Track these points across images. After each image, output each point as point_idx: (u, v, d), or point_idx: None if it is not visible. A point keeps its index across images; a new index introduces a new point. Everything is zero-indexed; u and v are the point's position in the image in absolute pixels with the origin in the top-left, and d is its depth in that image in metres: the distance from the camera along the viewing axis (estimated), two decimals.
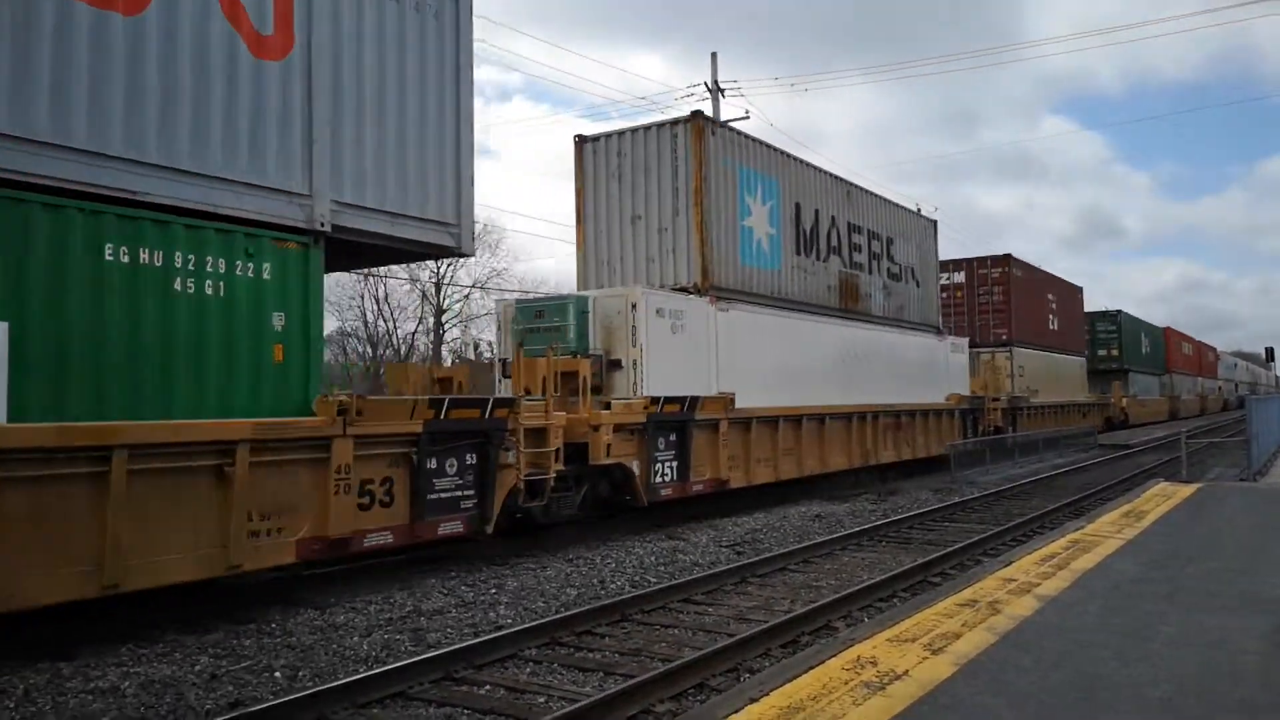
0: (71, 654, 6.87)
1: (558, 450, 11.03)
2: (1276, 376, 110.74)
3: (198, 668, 6.62)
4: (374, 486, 8.92)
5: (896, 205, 22.56)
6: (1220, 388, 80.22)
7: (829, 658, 5.06)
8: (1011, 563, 7.85)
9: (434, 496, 9.47)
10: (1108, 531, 9.39)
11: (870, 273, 20.60)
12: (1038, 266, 33.51)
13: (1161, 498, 12.20)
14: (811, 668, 4.88)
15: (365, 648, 7.16)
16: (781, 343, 16.74)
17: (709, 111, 29.47)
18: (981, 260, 30.20)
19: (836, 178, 19.49)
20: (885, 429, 19.63)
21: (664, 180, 15.38)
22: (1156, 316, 65.91)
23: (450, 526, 9.62)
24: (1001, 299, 29.65)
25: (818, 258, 18.45)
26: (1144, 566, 7.59)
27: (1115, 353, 43.61)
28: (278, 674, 6.54)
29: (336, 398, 8.63)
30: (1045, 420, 30.71)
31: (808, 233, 18.15)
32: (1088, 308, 43.57)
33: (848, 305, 19.50)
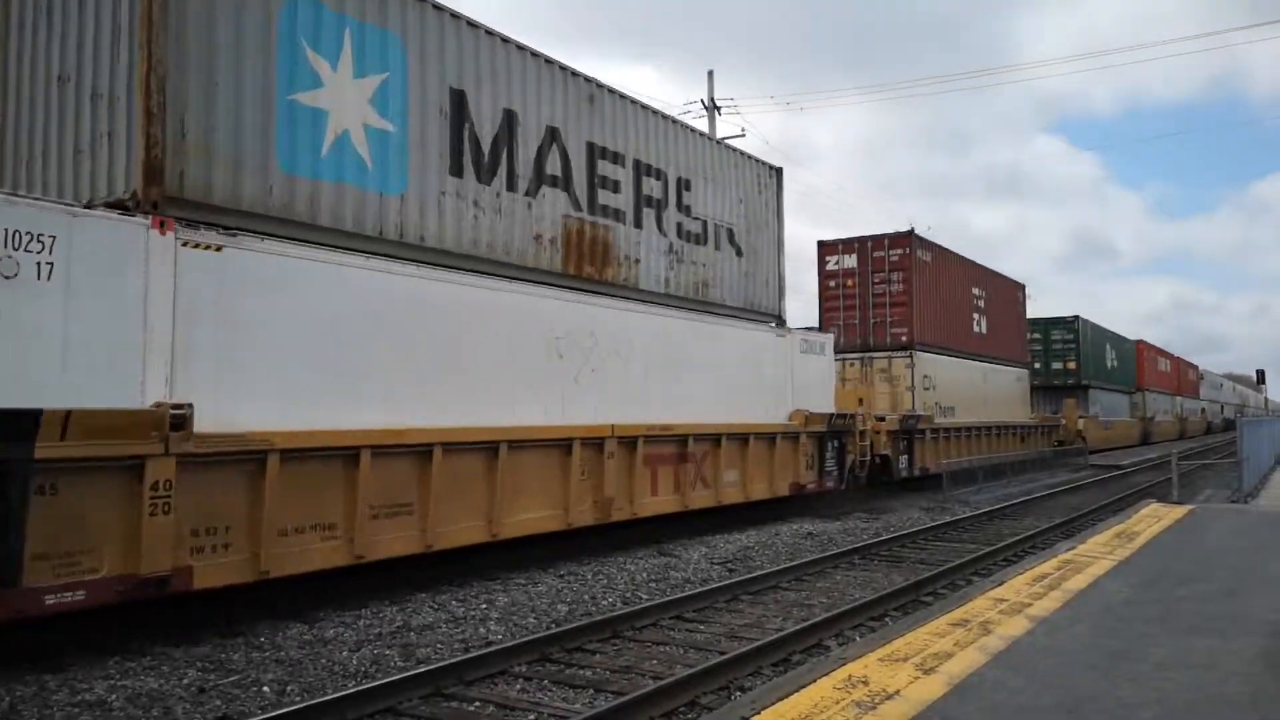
0: (58, 666, 6.82)
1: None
2: (1266, 398, 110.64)
3: (185, 681, 6.58)
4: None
5: (702, 135, 15.56)
6: (1203, 409, 74.49)
7: (820, 676, 5.06)
8: (1003, 582, 7.86)
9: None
10: (1099, 552, 9.41)
11: (638, 226, 13.50)
12: (959, 253, 25.93)
13: (1153, 519, 12.22)
14: (803, 686, 4.88)
15: (354, 662, 7.12)
16: (395, 322, 9.52)
17: (704, 128, 29.72)
18: (878, 240, 23.11)
19: (567, 70, 12.39)
20: (654, 462, 12.93)
21: (108, 9, 8.30)
22: (1149, 336, 62.52)
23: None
24: (901, 289, 22.75)
25: (512, 189, 11.36)
26: (1135, 588, 7.60)
27: (1072, 365, 38.49)
28: (266, 688, 6.50)
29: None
30: (965, 447, 24.28)
31: (489, 144, 11.09)
32: (1049, 314, 39.97)
33: (582, 271, 12.46)
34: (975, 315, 26.88)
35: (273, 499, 7.98)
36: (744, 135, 32.11)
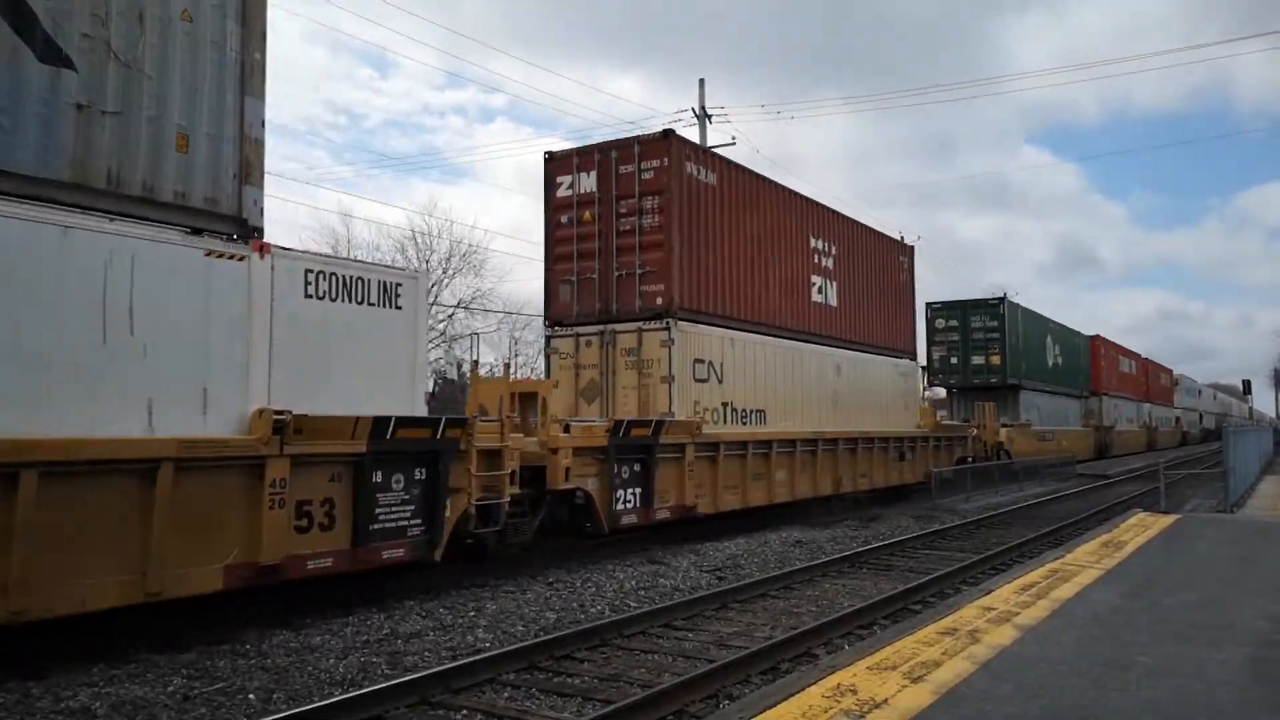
0: (42, 673, 6.76)
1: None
2: (1251, 408, 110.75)
3: (170, 689, 6.52)
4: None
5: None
6: (1178, 418, 67.54)
7: (809, 685, 5.05)
8: (991, 591, 7.87)
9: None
10: (1087, 561, 9.43)
11: None
12: (769, 178, 17.68)
13: (1140, 528, 12.26)
14: (792, 695, 4.87)
15: (341, 670, 7.08)
16: None
17: (695, 137, 29.75)
18: (625, 148, 15.12)
19: None
20: None
21: None
22: (1135, 346, 58.84)
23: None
24: (657, 222, 14.71)
25: None
26: (1123, 596, 7.62)
27: (996, 360, 31.33)
28: (252, 696, 6.45)
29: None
30: (782, 470, 16.46)
31: None
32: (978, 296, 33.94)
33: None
34: (816, 279, 18.72)
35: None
36: (734, 144, 32.07)
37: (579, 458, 11.93)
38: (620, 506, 12.61)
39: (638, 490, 12.98)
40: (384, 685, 6.39)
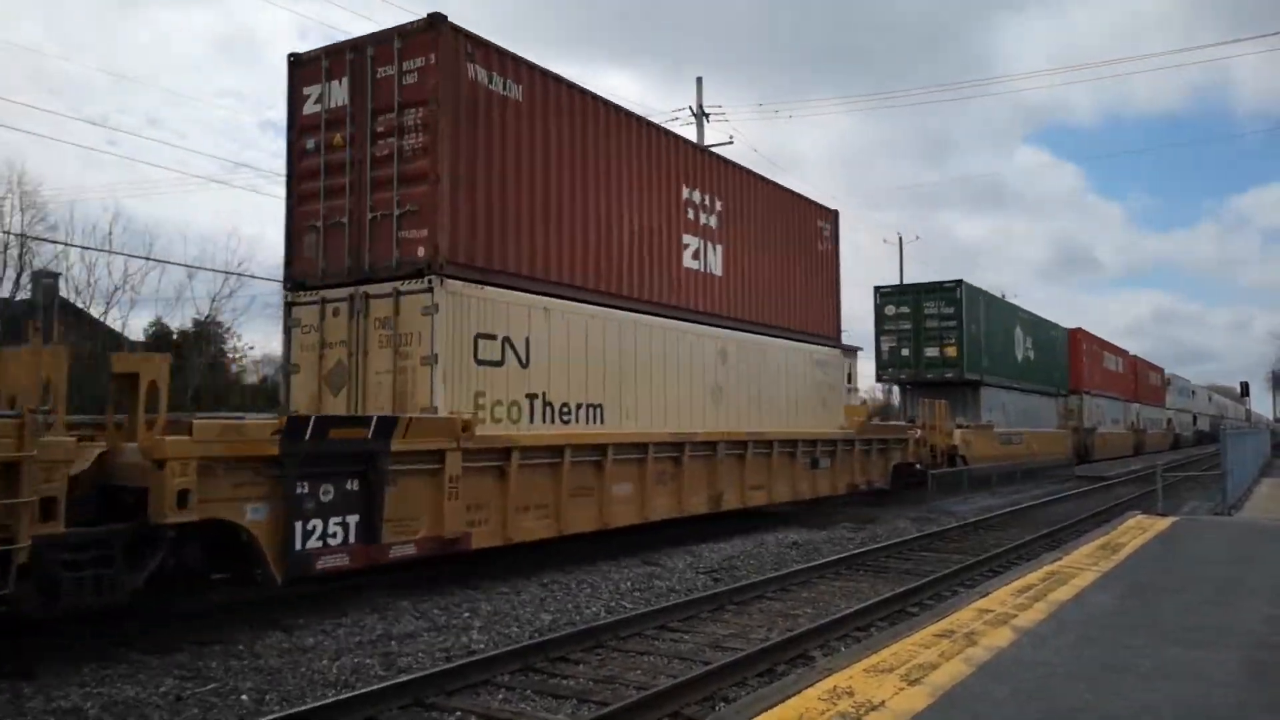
0: (33, 673, 6.72)
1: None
2: (1248, 410, 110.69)
3: (162, 689, 6.48)
4: None
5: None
6: (1170, 420, 63.53)
7: (805, 687, 5.02)
8: (988, 593, 7.84)
9: None
10: (1084, 563, 9.41)
11: None
12: (621, 106, 13.82)
13: (1137, 530, 12.24)
14: (788, 697, 4.83)
15: (334, 671, 7.04)
16: None
17: (693, 136, 29.74)
18: (383, 43, 11.19)
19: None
20: None
21: None
22: (1132, 347, 56.37)
23: None
24: (420, 144, 10.79)
25: None
26: (1120, 599, 7.59)
27: (952, 353, 27.49)
28: (244, 697, 6.42)
29: None
30: (630, 479, 12.77)
31: None
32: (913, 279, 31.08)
33: None
34: (691, 239, 14.83)
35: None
36: (731, 142, 32.08)
37: (215, 474, 7.77)
38: (311, 544, 8.47)
39: (351, 519, 8.85)
40: (378, 687, 6.36)
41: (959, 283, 28.24)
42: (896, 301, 29.11)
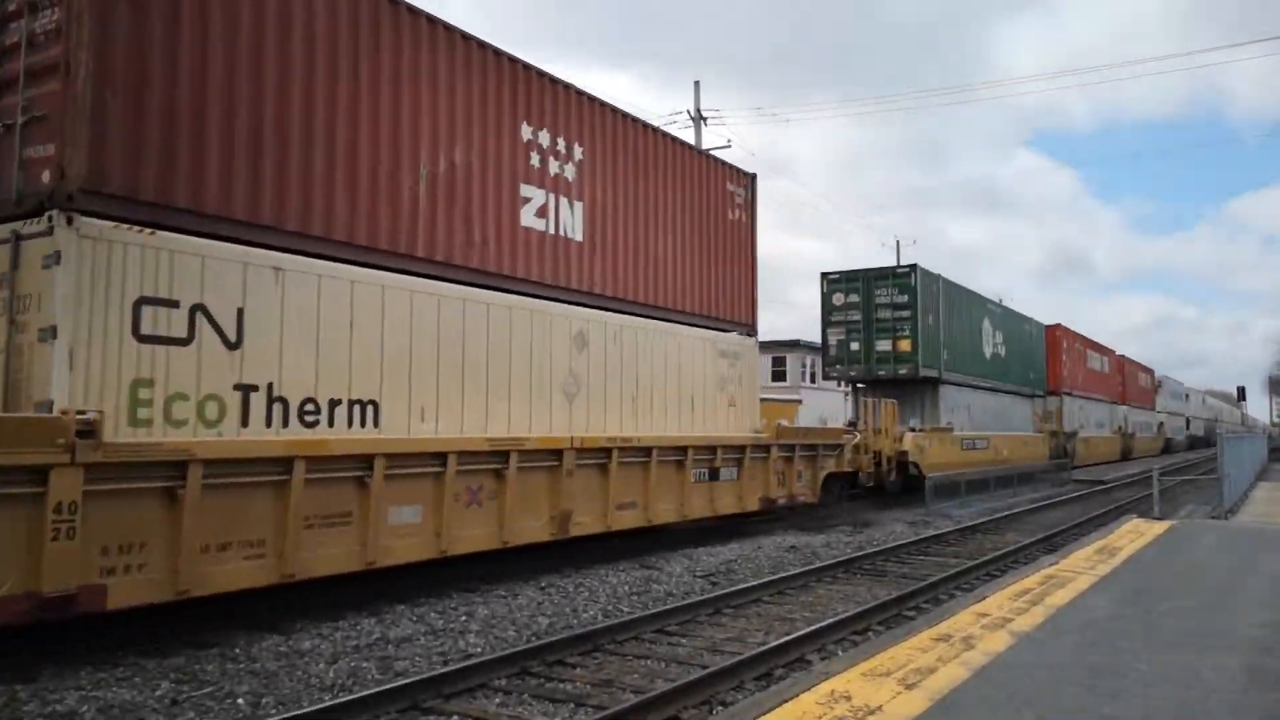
0: (29, 676, 6.70)
1: None
2: (1244, 414, 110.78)
3: (158, 692, 6.47)
4: None
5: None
6: (1162, 423, 60.21)
7: (803, 691, 5.01)
8: (986, 597, 7.84)
9: None
10: (1081, 567, 9.41)
11: None
12: (425, 12, 10.28)
13: (1134, 534, 12.25)
14: (785, 701, 4.83)
15: (331, 675, 7.03)
16: None
17: (691, 139, 29.79)
18: None
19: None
20: None
21: None
22: (1129, 352, 54.29)
23: None
24: (52, 29, 7.51)
25: None
26: (1117, 603, 7.60)
27: (906, 346, 24.10)
28: (240, 700, 6.40)
29: None
30: (366, 505, 9.02)
31: None
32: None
33: None
34: (534, 192, 11.72)
35: None
36: (729, 146, 32.16)
37: None
38: None
39: None
40: (374, 690, 6.34)
41: (913, 267, 24.59)
42: (845, 288, 24.99)
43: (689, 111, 30.56)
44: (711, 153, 16.84)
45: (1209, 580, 8.88)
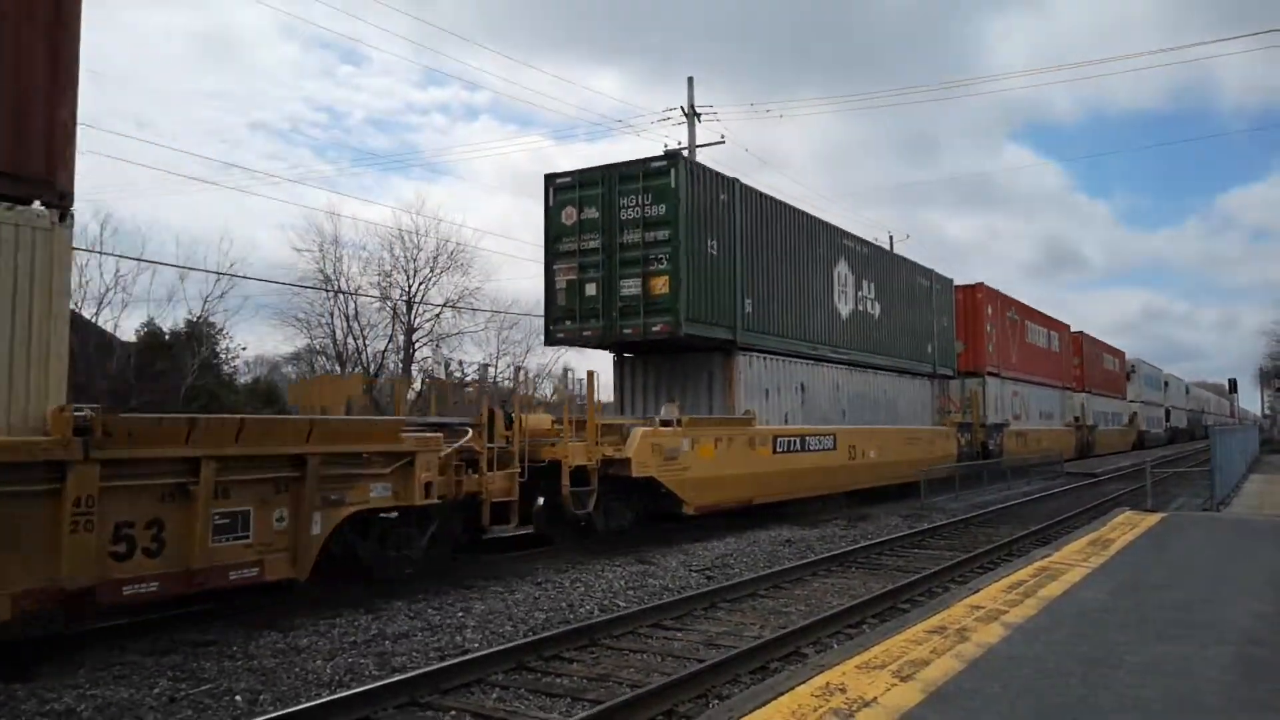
0: (27, 675, 6.71)
1: None
2: (1234, 406, 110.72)
3: (156, 690, 6.48)
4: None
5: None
6: (1135, 414, 53.64)
7: (798, 684, 5.05)
8: (980, 590, 7.89)
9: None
10: (1074, 559, 9.46)
11: None
12: None
13: (1127, 526, 12.31)
14: (781, 694, 4.87)
15: (329, 672, 7.04)
16: None
17: (684, 135, 29.75)
18: None
19: None
20: None
21: None
22: (1122, 345, 50.08)
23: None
24: None
25: None
26: (1110, 595, 7.65)
27: (662, 288, 15.18)
28: (238, 698, 6.41)
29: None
30: None
31: None
32: None
33: None
34: None
35: None
36: (723, 142, 32.03)
37: None
38: None
39: None
40: (372, 686, 6.36)
41: (674, 157, 15.96)
42: (580, 197, 15.87)
43: (682, 108, 30.52)
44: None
45: (1201, 572, 8.94)
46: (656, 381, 17.05)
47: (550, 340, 16.56)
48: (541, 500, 12.16)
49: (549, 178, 16.53)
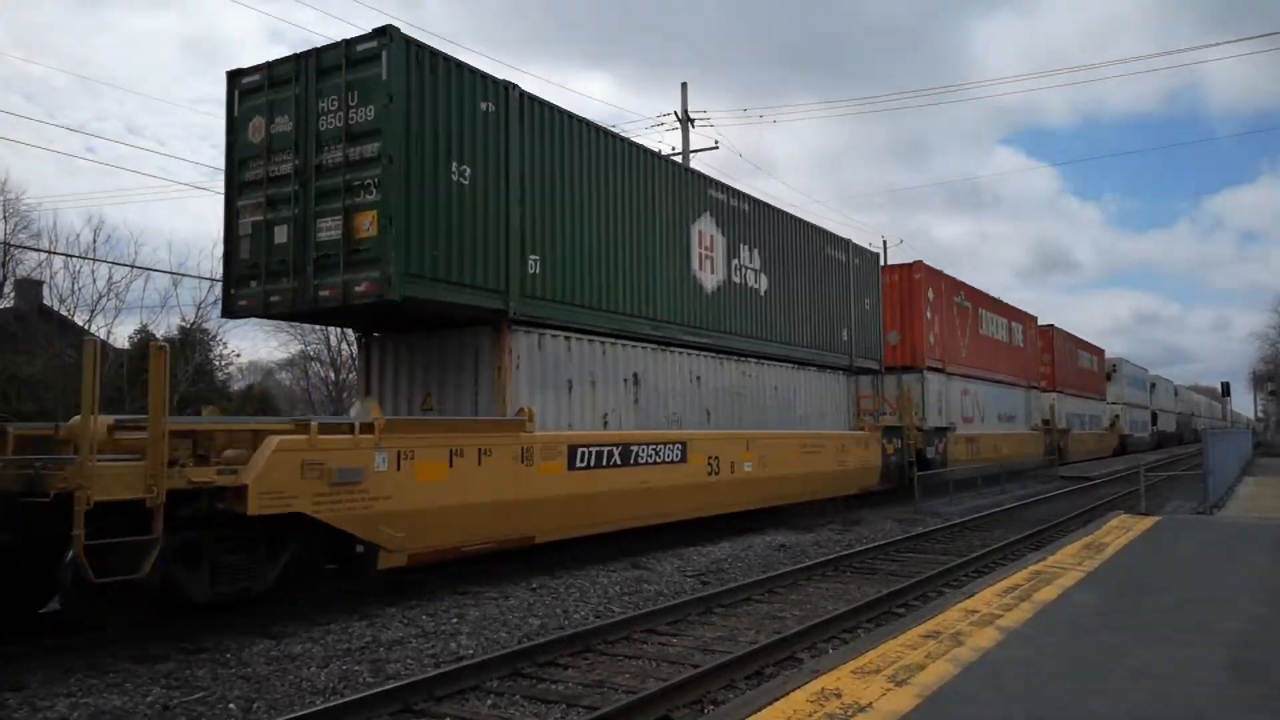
0: (19, 683, 6.68)
1: None
2: (1226, 409, 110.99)
3: (149, 698, 6.45)
4: None
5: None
6: (1116, 418, 49.88)
7: (794, 689, 5.05)
8: (974, 594, 7.90)
9: None
10: (1068, 563, 9.48)
11: None
12: None
13: (1121, 530, 12.34)
14: (776, 699, 4.86)
15: (323, 679, 7.02)
16: None
17: (678, 141, 29.74)
18: None
19: None
20: None
21: None
22: (1114, 349, 48.13)
23: None
24: None
25: None
26: (1104, 598, 7.66)
27: (369, 228, 10.26)
28: (232, 705, 6.39)
29: None
30: None
31: None
32: None
33: None
34: None
35: None
36: (716, 147, 32.09)
37: None
38: None
39: None
40: (366, 694, 6.34)
41: (385, 34, 10.35)
42: (270, 102, 11.23)
43: (676, 113, 30.57)
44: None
45: (1194, 575, 8.96)
46: (411, 371, 12.63)
47: (230, 310, 11.59)
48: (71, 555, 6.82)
49: (233, 75, 11.61)
